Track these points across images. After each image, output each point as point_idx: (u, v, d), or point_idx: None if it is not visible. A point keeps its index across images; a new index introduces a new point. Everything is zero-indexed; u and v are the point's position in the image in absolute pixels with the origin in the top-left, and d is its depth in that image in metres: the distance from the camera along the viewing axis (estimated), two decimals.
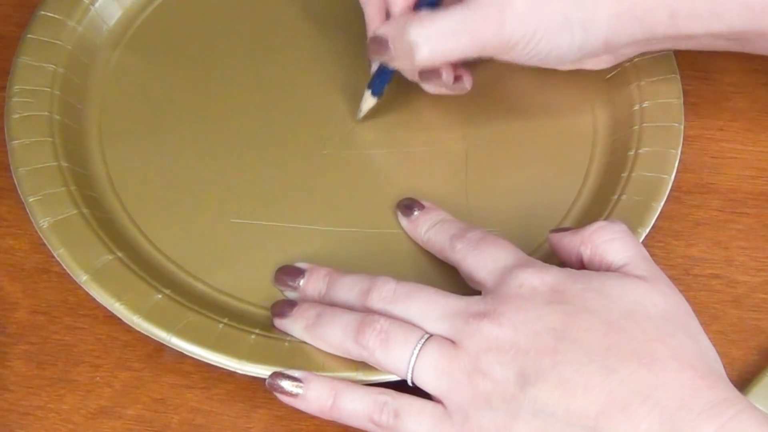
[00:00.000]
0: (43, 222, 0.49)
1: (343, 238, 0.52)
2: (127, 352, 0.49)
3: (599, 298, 0.43)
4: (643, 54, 0.55)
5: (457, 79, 0.53)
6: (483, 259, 0.46)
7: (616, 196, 0.51)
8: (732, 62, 0.58)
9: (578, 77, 0.55)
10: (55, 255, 0.49)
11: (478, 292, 0.46)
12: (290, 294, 0.49)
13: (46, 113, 0.53)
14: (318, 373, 0.45)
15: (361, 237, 0.52)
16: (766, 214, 0.54)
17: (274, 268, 0.50)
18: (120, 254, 0.49)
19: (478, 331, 0.42)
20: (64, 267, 0.48)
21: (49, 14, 0.57)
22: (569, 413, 0.40)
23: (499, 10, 0.48)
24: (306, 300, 0.48)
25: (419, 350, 0.43)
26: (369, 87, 0.54)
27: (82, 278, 0.48)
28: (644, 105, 0.54)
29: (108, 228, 0.50)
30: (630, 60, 0.55)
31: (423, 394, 0.44)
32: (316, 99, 0.56)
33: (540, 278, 0.44)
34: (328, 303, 0.47)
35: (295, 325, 0.47)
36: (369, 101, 0.54)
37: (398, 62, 0.51)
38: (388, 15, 0.52)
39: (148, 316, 0.47)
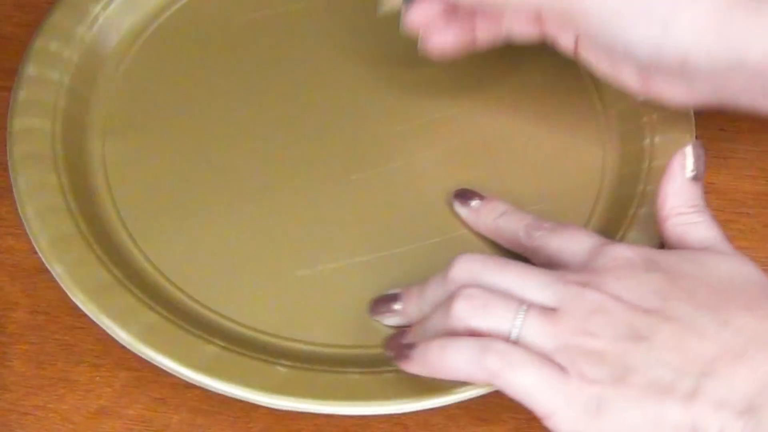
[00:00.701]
0: (41, 238, 0.48)
1: (393, 261, 0.51)
2: (127, 352, 0.48)
3: (696, 266, 0.43)
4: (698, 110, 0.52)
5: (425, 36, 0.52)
6: (566, 242, 0.46)
7: (632, 210, 0.51)
8: None
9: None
10: (54, 275, 0.48)
11: None
12: (391, 321, 0.48)
13: (48, 125, 0.52)
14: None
15: (410, 255, 0.51)
16: (766, 214, 0.54)
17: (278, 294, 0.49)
18: (134, 288, 0.48)
19: (581, 296, 0.42)
20: (64, 288, 0.47)
21: (56, 24, 0.56)
22: (684, 361, 0.40)
23: None
24: (410, 320, 0.48)
25: (523, 314, 0.42)
26: None
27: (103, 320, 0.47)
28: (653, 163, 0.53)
29: (110, 250, 0.49)
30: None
31: None
32: (333, 117, 0.55)
33: (633, 251, 0.44)
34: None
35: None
36: (393, 1, 0.52)
37: None
38: None
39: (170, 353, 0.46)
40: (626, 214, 0.51)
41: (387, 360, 0.45)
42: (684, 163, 0.46)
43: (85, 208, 0.50)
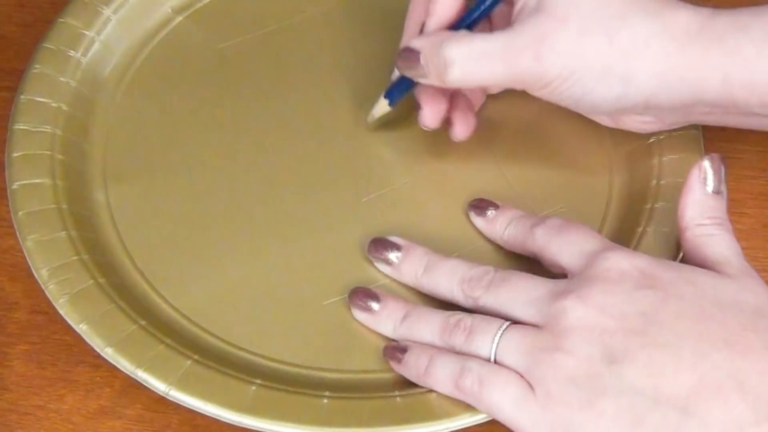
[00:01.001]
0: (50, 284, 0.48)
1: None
2: None
3: (690, 287, 0.42)
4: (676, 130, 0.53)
5: (449, 124, 0.53)
6: (568, 244, 0.46)
7: (641, 228, 0.51)
8: None
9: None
10: (76, 329, 0.47)
11: None
12: (384, 268, 0.49)
13: (47, 152, 0.52)
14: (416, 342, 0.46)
15: None
16: (766, 214, 0.54)
17: (306, 329, 0.49)
18: (143, 322, 0.47)
19: (562, 312, 0.42)
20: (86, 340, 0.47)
21: (52, 47, 0.55)
22: (658, 393, 0.40)
23: (540, 42, 0.47)
24: (400, 278, 0.49)
25: (501, 335, 0.43)
26: (385, 95, 0.53)
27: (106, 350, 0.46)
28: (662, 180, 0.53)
29: (131, 300, 0.48)
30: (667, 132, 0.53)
31: None
32: (337, 140, 0.55)
33: (629, 262, 0.43)
34: (423, 285, 0.48)
35: (381, 327, 0.48)
36: (383, 107, 0.54)
37: (426, 78, 0.50)
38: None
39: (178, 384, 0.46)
40: (642, 208, 0.51)
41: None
42: (703, 175, 0.46)
43: (99, 261, 0.49)
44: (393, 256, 0.49)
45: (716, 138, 0.56)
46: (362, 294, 0.48)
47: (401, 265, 0.49)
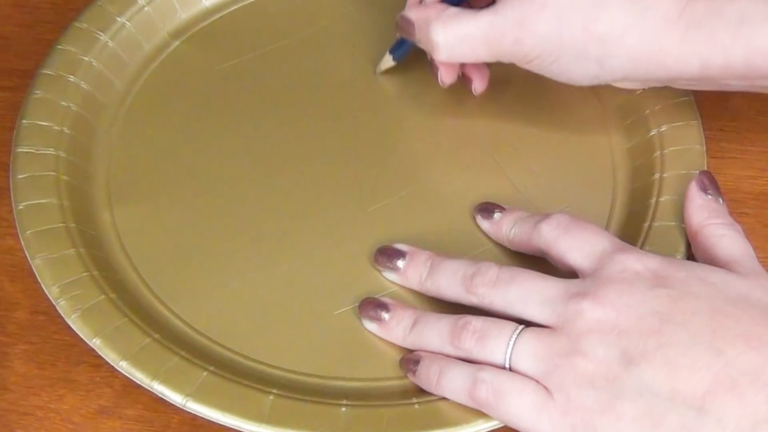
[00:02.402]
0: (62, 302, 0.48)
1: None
2: None
3: (704, 286, 0.43)
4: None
5: (466, 79, 0.54)
6: (578, 242, 0.46)
7: (647, 224, 0.51)
8: None
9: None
10: (90, 343, 0.47)
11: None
12: (390, 275, 0.49)
13: (52, 173, 0.52)
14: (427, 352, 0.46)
15: None
16: (766, 214, 0.54)
17: (316, 336, 0.48)
18: (156, 336, 0.47)
19: (578, 314, 0.42)
20: (100, 354, 0.46)
21: (51, 73, 0.55)
22: (675, 393, 0.40)
23: (520, 27, 0.49)
24: (407, 284, 0.49)
25: (515, 339, 0.43)
26: (390, 51, 0.56)
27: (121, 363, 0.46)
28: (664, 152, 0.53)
29: (143, 315, 0.48)
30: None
31: None
32: (340, 150, 0.55)
33: (643, 263, 0.43)
34: (428, 288, 0.48)
35: (391, 335, 0.47)
36: (388, 62, 0.56)
37: (422, 46, 0.52)
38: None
39: (194, 395, 0.45)
40: (648, 203, 0.51)
41: None
42: (702, 185, 0.48)
43: (109, 277, 0.49)
44: (399, 263, 0.49)
45: (716, 138, 0.56)
46: (371, 304, 0.48)
47: (406, 270, 0.49)
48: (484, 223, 0.51)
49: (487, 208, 0.51)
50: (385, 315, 0.47)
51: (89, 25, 0.57)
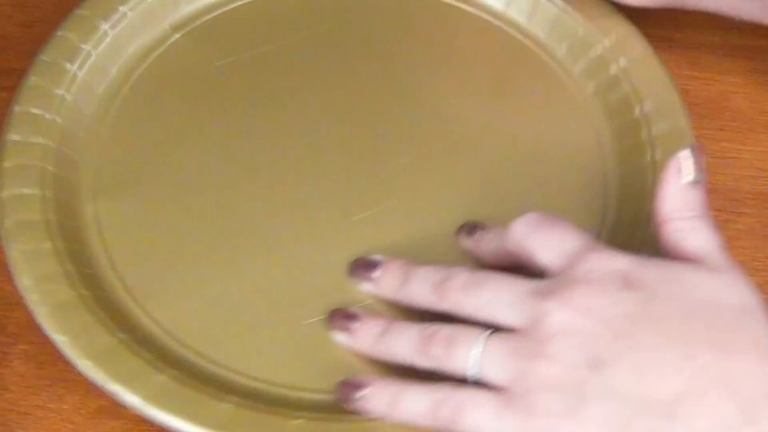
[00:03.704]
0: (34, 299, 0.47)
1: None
2: None
3: (675, 287, 0.41)
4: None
5: None
6: (548, 240, 0.44)
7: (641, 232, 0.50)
8: (732, 62, 0.58)
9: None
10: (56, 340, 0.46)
11: None
12: (366, 287, 0.49)
13: (39, 164, 0.51)
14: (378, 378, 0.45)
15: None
16: (766, 214, 0.54)
17: (286, 346, 0.48)
18: (122, 336, 0.47)
19: (543, 315, 0.41)
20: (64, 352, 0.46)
21: (48, 59, 0.55)
22: (643, 398, 0.39)
23: None
24: (382, 294, 0.48)
25: (484, 344, 0.42)
26: None
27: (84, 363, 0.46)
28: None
29: (113, 313, 0.48)
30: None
31: None
32: (327, 158, 0.54)
33: (612, 263, 0.42)
34: (402, 298, 0.47)
35: (360, 344, 0.47)
36: None
37: None
38: None
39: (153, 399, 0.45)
40: (640, 212, 0.51)
41: None
42: (679, 167, 0.45)
43: (84, 273, 0.49)
44: (374, 274, 0.48)
45: (716, 138, 0.56)
46: (341, 315, 0.47)
47: (381, 280, 0.48)
48: (466, 242, 0.50)
49: (471, 229, 0.50)
50: (354, 325, 0.47)
51: (91, 12, 0.57)
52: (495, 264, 0.48)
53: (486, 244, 0.49)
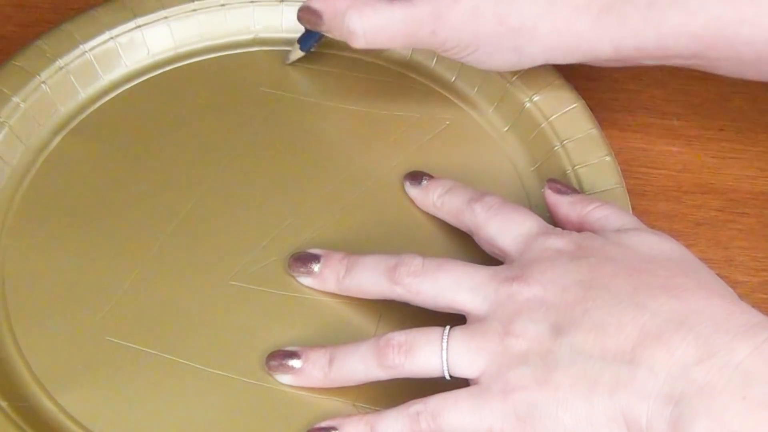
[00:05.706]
0: None
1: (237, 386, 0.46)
2: None
3: (620, 249, 0.44)
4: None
5: None
6: (506, 225, 0.46)
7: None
8: None
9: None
10: None
11: (493, 260, 0.46)
12: (305, 281, 0.48)
13: None
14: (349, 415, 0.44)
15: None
16: (766, 214, 0.54)
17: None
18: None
19: (508, 297, 0.43)
20: None
21: None
22: (605, 352, 0.40)
23: (435, 18, 0.49)
24: (324, 286, 0.48)
25: (447, 341, 0.43)
26: (298, 41, 0.56)
27: None
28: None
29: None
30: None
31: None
32: (234, 222, 0.51)
33: (563, 240, 0.45)
34: (347, 286, 0.47)
35: (311, 380, 0.46)
36: (297, 53, 0.57)
37: (330, 34, 0.52)
38: None
39: None
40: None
41: None
42: (556, 191, 0.49)
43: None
44: (314, 266, 0.48)
45: (716, 138, 0.56)
46: (279, 356, 0.46)
47: (322, 272, 0.48)
48: (412, 190, 0.51)
49: (415, 176, 0.51)
50: (297, 363, 0.46)
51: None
52: (441, 218, 0.50)
53: (435, 197, 0.50)
